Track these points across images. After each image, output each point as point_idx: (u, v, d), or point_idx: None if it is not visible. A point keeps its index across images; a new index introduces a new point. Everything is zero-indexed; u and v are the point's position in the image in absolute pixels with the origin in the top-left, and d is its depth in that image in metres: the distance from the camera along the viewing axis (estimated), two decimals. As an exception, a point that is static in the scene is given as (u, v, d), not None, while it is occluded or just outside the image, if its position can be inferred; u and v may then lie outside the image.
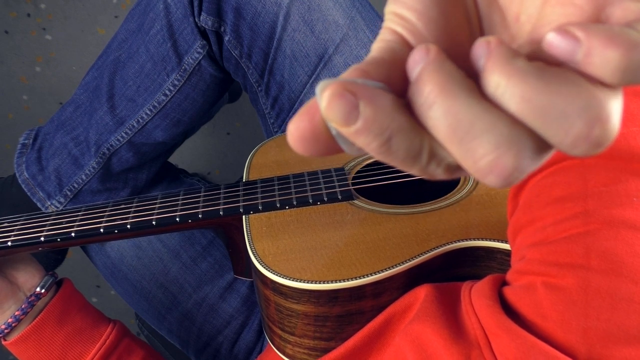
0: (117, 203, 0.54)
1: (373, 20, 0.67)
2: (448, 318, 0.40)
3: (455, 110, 0.16)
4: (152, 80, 0.66)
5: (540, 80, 0.15)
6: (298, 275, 0.42)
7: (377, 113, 0.16)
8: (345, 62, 0.66)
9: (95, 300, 1.32)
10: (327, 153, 0.18)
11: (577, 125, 0.15)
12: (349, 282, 0.41)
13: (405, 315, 0.44)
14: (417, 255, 0.43)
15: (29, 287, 0.54)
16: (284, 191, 0.52)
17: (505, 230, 0.45)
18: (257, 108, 0.74)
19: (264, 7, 0.63)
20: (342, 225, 0.48)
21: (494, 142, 0.15)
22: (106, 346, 0.55)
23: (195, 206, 0.52)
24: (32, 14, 1.16)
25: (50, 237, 0.51)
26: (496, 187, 0.16)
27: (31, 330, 0.53)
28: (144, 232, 0.51)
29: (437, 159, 0.17)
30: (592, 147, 0.15)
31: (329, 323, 0.44)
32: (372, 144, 0.17)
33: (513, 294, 0.37)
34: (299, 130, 0.17)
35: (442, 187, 0.52)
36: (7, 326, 0.52)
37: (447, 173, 0.18)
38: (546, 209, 0.36)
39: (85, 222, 0.51)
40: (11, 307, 0.53)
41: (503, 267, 0.44)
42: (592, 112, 0.15)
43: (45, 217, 0.53)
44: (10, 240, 0.51)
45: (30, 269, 0.55)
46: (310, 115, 0.17)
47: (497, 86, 0.16)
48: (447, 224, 0.46)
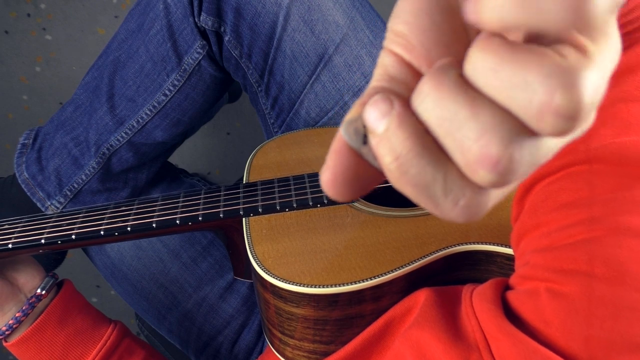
0: (118, 205, 0.54)
1: (373, 20, 0.67)
2: (447, 322, 0.40)
3: (443, 102, 0.16)
4: (152, 80, 0.66)
5: (507, 52, 0.15)
6: (298, 279, 0.42)
7: (399, 123, 0.17)
8: (345, 62, 0.65)
9: (95, 300, 1.32)
10: (363, 184, 0.19)
11: (539, 92, 0.15)
12: (348, 286, 0.41)
13: (404, 319, 0.44)
14: (417, 259, 0.43)
15: (29, 288, 0.54)
16: (284, 193, 0.52)
17: (505, 234, 0.44)
18: (257, 108, 0.74)
19: (264, 7, 0.63)
20: (342, 228, 0.48)
21: (478, 128, 0.16)
22: (107, 347, 0.55)
23: (195, 208, 0.51)
24: (32, 14, 1.16)
25: (51, 240, 0.50)
26: (492, 184, 0.16)
27: (32, 332, 0.53)
28: (144, 234, 0.51)
29: (452, 196, 0.17)
30: (558, 118, 0.15)
31: (329, 327, 0.43)
32: (386, 157, 0.17)
33: (516, 299, 0.37)
34: (331, 169, 0.18)
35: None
36: (8, 327, 0.52)
37: (461, 214, 0.18)
38: (552, 215, 0.36)
39: (85, 225, 0.51)
40: (12, 309, 0.53)
41: (503, 271, 0.44)
42: (553, 80, 0.15)
43: (46, 219, 0.53)
44: (11, 243, 0.51)
45: (31, 270, 0.55)
46: (336, 153, 0.19)
47: (472, 64, 0.16)
48: (447, 228, 0.46)
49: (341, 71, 0.66)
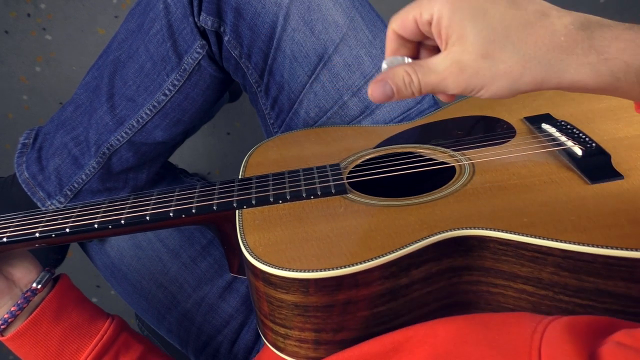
0: (113, 200, 0.54)
1: (373, 20, 0.67)
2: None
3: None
4: (152, 80, 0.66)
5: None
6: (287, 265, 0.42)
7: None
8: (344, 62, 0.66)
9: (95, 300, 1.32)
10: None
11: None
12: (338, 270, 0.41)
13: (413, 351, 0.39)
14: (407, 244, 0.43)
15: (25, 283, 0.54)
16: (278, 186, 0.52)
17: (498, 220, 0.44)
18: (256, 108, 0.74)
19: (263, 7, 0.63)
20: (334, 217, 0.48)
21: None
22: (103, 342, 0.55)
23: (189, 201, 0.52)
24: (32, 14, 1.16)
25: (45, 233, 0.51)
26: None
27: (27, 326, 0.53)
28: (138, 227, 0.51)
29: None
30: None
31: (320, 313, 0.44)
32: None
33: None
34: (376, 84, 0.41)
35: (437, 180, 0.52)
36: (3, 322, 0.52)
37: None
38: None
39: (80, 218, 0.52)
40: (7, 303, 0.53)
41: (496, 257, 0.44)
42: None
43: (42, 214, 0.53)
44: (6, 237, 0.51)
45: (27, 264, 0.55)
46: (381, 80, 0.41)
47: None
48: (440, 215, 0.46)
49: (340, 71, 0.66)
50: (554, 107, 0.62)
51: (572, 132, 0.55)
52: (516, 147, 0.55)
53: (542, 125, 0.58)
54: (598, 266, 0.41)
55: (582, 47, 0.34)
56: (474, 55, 0.36)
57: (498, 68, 0.36)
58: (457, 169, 0.53)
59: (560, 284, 0.43)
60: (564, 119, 0.59)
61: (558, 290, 0.43)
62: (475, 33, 0.35)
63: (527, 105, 0.64)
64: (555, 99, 0.64)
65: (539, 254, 0.42)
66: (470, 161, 0.54)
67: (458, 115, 0.64)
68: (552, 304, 0.44)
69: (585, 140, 0.53)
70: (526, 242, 0.42)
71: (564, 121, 0.58)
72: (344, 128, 0.66)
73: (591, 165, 0.50)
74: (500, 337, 0.35)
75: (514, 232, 0.43)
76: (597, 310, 0.42)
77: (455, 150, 0.56)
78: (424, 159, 0.57)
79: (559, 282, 0.43)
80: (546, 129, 0.57)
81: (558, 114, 0.60)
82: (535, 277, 0.43)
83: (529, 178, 0.50)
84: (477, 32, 0.35)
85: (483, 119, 0.63)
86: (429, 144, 0.59)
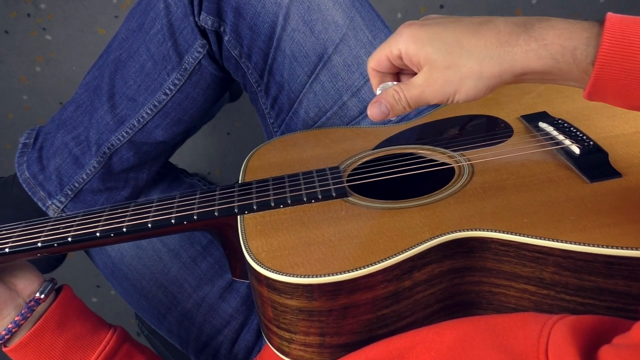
0: (114, 207, 0.54)
1: (372, 20, 0.67)
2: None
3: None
4: (153, 79, 0.66)
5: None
6: (291, 270, 0.43)
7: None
8: (344, 62, 0.66)
9: (95, 300, 1.32)
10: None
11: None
12: (342, 275, 0.41)
13: (419, 358, 0.40)
14: (410, 247, 0.43)
15: (28, 293, 0.54)
16: (279, 190, 0.52)
17: (499, 221, 0.45)
18: (257, 108, 0.74)
19: (263, 7, 0.63)
20: (336, 221, 0.48)
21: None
22: (105, 352, 0.55)
23: (190, 208, 0.52)
24: (32, 14, 1.16)
25: (48, 242, 0.51)
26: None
27: (31, 336, 0.53)
28: (140, 235, 0.52)
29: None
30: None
31: (323, 317, 0.44)
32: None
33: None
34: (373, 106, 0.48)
35: (436, 181, 0.52)
36: (7, 332, 0.52)
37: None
38: None
39: (81, 227, 0.52)
40: (11, 314, 0.53)
41: (498, 257, 0.44)
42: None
43: (43, 223, 0.53)
44: (8, 247, 0.51)
45: (29, 275, 0.55)
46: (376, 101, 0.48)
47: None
48: (442, 217, 0.46)
49: (340, 71, 0.66)
50: (549, 104, 0.62)
51: (569, 130, 0.55)
52: (514, 146, 0.56)
53: (539, 123, 0.58)
54: (598, 265, 0.41)
55: (524, 38, 0.40)
56: (440, 68, 0.43)
57: (461, 72, 0.42)
58: (456, 169, 0.53)
59: (561, 283, 0.43)
60: (560, 116, 0.59)
61: (559, 290, 0.43)
62: (436, 52, 0.43)
63: (523, 103, 0.64)
64: (551, 96, 0.64)
65: (540, 254, 0.42)
66: (469, 161, 0.54)
67: (456, 115, 0.65)
68: (554, 302, 0.44)
69: (582, 138, 0.53)
70: (527, 242, 0.42)
71: (561, 119, 0.58)
72: (343, 129, 0.66)
73: (589, 164, 0.50)
74: (507, 342, 0.37)
75: (515, 233, 0.43)
76: (598, 308, 0.42)
77: (454, 150, 0.57)
78: (423, 159, 0.57)
79: (560, 282, 0.43)
80: (543, 128, 0.57)
81: (554, 111, 0.61)
82: (537, 276, 0.43)
83: (528, 177, 0.50)
84: (437, 50, 0.43)
85: (481, 117, 0.63)
86: (427, 145, 0.59)
